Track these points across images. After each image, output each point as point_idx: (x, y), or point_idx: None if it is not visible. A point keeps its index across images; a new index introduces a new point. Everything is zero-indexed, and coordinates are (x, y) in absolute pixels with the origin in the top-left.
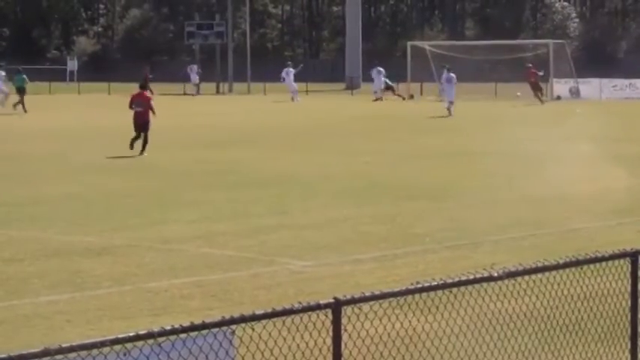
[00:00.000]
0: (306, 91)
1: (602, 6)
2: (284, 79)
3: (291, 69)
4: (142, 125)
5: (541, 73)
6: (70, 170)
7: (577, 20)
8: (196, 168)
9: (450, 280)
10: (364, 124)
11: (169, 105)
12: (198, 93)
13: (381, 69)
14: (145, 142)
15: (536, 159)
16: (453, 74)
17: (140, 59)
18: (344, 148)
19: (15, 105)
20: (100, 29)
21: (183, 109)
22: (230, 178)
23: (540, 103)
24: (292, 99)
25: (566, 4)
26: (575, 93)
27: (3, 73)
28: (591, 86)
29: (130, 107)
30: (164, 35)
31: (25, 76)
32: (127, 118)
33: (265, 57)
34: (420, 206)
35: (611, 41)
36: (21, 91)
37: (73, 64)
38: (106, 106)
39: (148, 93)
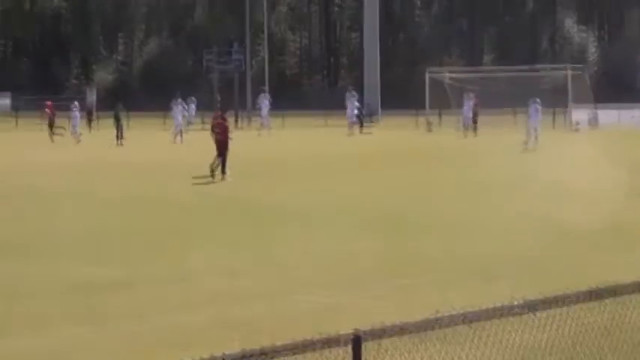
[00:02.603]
0: (325, 121)
1: (620, 33)
2: (260, 107)
3: (266, 96)
4: (223, 147)
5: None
6: (91, 204)
7: (595, 47)
8: (215, 202)
9: (470, 313)
10: (382, 154)
11: (188, 137)
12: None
13: (355, 93)
14: (223, 164)
15: (554, 190)
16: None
17: (159, 90)
18: (362, 179)
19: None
20: (118, 59)
21: (202, 142)
22: (249, 212)
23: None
24: (260, 129)
25: (584, 28)
26: (593, 121)
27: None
28: (609, 115)
29: (213, 132)
30: (183, 65)
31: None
32: (143, 151)
33: (283, 86)
34: (439, 237)
35: (629, 68)
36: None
37: (91, 95)
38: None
39: (225, 119)
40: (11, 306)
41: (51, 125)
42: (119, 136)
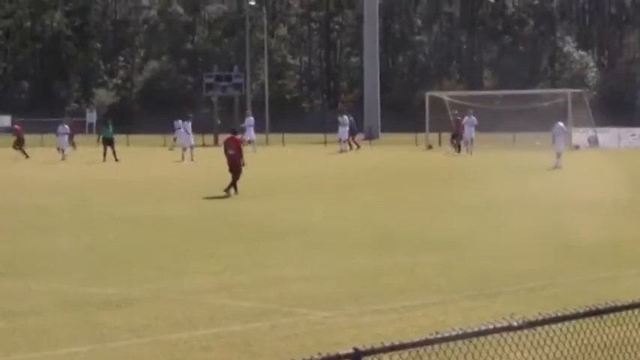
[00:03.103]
0: (325, 142)
1: (620, 55)
2: (244, 130)
3: (251, 118)
4: (236, 166)
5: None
6: (89, 222)
7: (595, 69)
8: (214, 219)
9: (469, 330)
10: (382, 174)
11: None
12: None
13: (346, 117)
14: (234, 182)
15: (553, 208)
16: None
17: (158, 111)
18: (362, 199)
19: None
20: (119, 81)
21: (202, 160)
22: (249, 230)
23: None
24: (250, 146)
25: (584, 53)
26: (593, 142)
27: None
28: (609, 135)
29: (225, 152)
30: (183, 87)
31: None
32: (144, 170)
33: (284, 108)
34: (439, 256)
35: (629, 90)
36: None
37: (92, 116)
38: (124, 157)
39: (238, 137)
40: (11, 323)
41: (20, 143)
42: (113, 154)
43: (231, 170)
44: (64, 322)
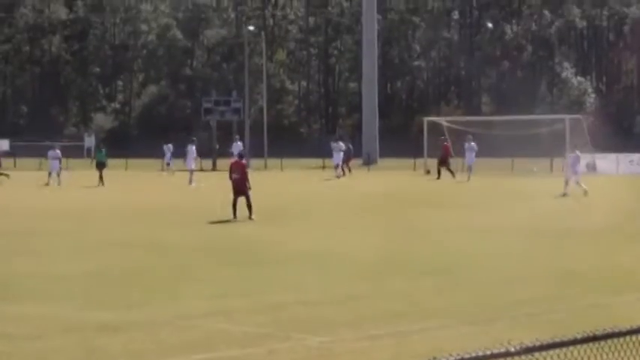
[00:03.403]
0: (323, 166)
1: (618, 81)
2: (233, 153)
3: (239, 143)
4: (241, 191)
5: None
6: (86, 247)
7: (593, 95)
8: (212, 245)
9: (466, 356)
10: (380, 199)
11: (184, 181)
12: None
13: (341, 143)
14: (249, 206)
15: (550, 234)
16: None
17: (157, 135)
18: (360, 224)
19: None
20: (117, 106)
21: (201, 185)
22: (246, 255)
23: (437, 177)
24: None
25: (582, 79)
26: (591, 168)
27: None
28: (608, 161)
29: (230, 176)
30: (181, 111)
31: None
32: (141, 194)
33: (282, 133)
34: (436, 282)
35: (627, 116)
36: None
37: (90, 141)
38: (122, 182)
39: (244, 161)
40: (8, 347)
41: None
42: (100, 178)
43: (236, 194)
44: (61, 346)
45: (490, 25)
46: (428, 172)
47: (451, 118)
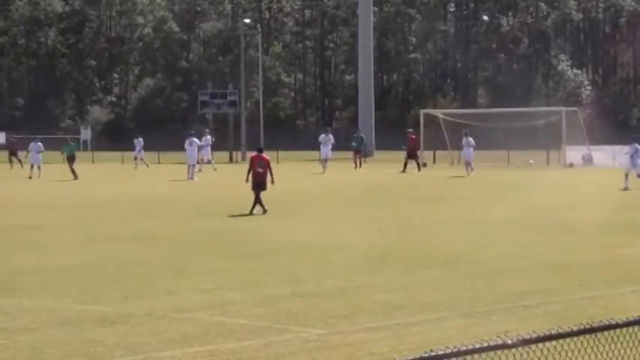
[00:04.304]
0: (319, 159)
1: (614, 73)
2: (203, 146)
3: (209, 137)
4: (262, 184)
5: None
6: (83, 240)
7: (589, 88)
8: (208, 237)
9: (463, 348)
10: (377, 192)
11: (180, 173)
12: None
13: (330, 136)
14: (257, 202)
15: (548, 226)
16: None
17: (153, 128)
18: (356, 217)
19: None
20: (113, 99)
21: (195, 178)
22: (243, 247)
23: (417, 170)
24: (210, 166)
25: (578, 71)
26: (587, 160)
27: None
28: (604, 153)
29: (254, 169)
30: (177, 104)
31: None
32: (138, 187)
33: (278, 126)
34: (433, 274)
35: (623, 108)
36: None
37: (86, 134)
38: (119, 175)
39: (266, 156)
40: (5, 340)
41: None
42: (72, 171)
43: (256, 187)
44: (58, 339)
45: (486, 17)
46: (424, 164)
47: (447, 111)
